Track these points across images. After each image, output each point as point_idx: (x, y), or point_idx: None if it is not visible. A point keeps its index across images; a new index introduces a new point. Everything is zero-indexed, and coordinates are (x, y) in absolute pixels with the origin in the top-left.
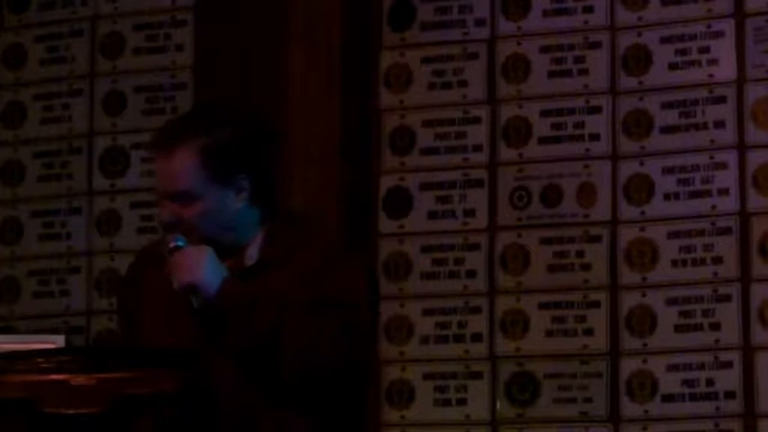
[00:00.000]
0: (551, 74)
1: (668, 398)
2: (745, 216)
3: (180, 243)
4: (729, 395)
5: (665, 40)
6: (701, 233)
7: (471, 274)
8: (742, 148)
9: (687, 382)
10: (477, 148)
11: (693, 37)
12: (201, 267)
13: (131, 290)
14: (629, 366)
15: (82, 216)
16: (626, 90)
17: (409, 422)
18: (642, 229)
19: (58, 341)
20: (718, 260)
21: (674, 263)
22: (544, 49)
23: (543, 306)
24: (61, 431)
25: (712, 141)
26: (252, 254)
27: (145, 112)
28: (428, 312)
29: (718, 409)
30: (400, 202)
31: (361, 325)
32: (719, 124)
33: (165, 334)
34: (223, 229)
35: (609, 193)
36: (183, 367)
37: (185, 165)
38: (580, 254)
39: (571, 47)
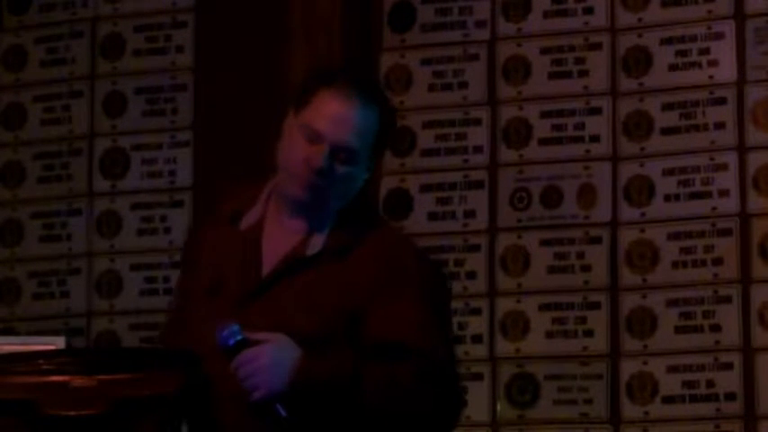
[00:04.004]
0: (552, 75)
1: (668, 399)
2: (745, 217)
3: (239, 337)
4: (730, 397)
5: (665, 42)
6: (702, 234)
7: (471, 275)
8: (742, 149)
9: (687, 384)
10: (478, 150)
11: (694, 38)
12: (269, 374)
13: (194, 249)
14: (629, 368)
15: (82, 217)
16: (626, 91)
17: None
18: (642, 231)
19: (58, 343)
20: (718, 261)
21: (675, 264)
22: (544, 51)
23: (543, 307)
24: None
25: (712, 143)
26: (316, 243)
27: (145, 113)
28: None
29: (718, 410)
30: (400, 204)
31: (438, 369)
32: (720, 126)
33: (206, 310)
34: (340, 200)
35: (609, 194)
36: (185, 369)
37: (368, 126)
38: (580, 255)
39: (571, 48)
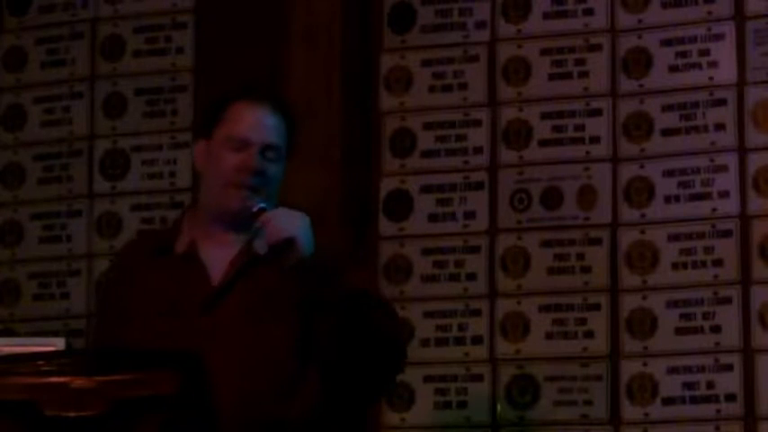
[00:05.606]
0: (552, 76)
1: (669, 401)
2: (745, 218)
3: (263, 205)
4: (730, 398)
5: (665, 43)
6: (702, 236)
7: (472, 276)
8: (742, 150)
9: (687, 385)
10: (478, 151)
11: (694, 39)
12: (298, 224)
13: (125, 279)
14: (629, 369)
15: (82, 219)
16: (626, 92)
17: (409, 425)
18: (642, 232)
19: (58, 344)
20: (718, 263)
21: (675, 265)
22: (544, 52)
23: (544, 309)
24: None
25: (713, 144)
26: (261, 243)
27: (145, 114)
28: (428, 315)
29: (718, 411)
30: (401, 205)
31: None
32: (720, 127)
33: (162, 328)
34: (269, 202)
35: (609, 195)
36: (184, 369)
37: (280, 128)
38: (580, 256)
39: (571, 49)
